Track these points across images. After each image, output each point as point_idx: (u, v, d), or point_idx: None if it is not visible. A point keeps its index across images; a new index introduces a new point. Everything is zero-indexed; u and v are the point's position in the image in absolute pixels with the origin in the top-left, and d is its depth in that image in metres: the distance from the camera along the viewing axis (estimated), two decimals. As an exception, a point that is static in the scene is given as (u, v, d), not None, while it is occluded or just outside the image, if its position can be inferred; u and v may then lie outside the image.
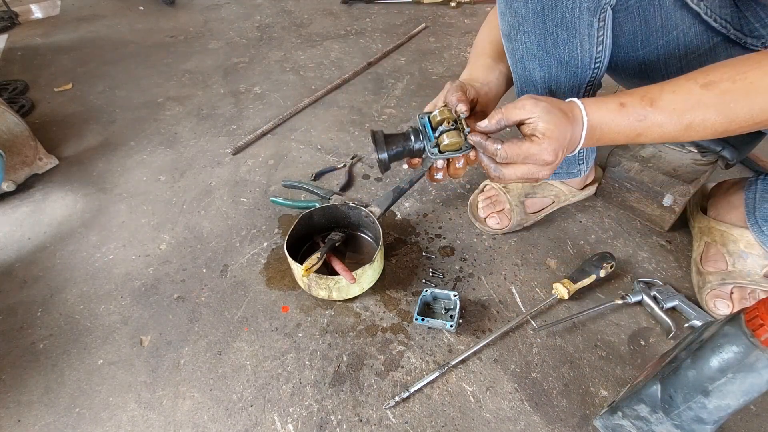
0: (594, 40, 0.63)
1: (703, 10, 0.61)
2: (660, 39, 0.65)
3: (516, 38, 0.66)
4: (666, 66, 0.68)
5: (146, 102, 1.41)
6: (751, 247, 0.74)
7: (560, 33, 0.62)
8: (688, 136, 0.53)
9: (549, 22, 0.61)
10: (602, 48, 0.64)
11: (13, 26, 1.97)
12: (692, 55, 0.66)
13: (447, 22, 1.84)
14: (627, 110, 0.54)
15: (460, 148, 0.59)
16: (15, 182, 1.06)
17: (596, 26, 0.61)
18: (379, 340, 0.75)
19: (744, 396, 0.45)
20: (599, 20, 0.60)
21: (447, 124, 0.58)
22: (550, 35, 0.62)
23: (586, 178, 0.91)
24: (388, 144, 0.60)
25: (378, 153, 0.60)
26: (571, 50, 0.64)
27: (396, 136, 0.61)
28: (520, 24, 0.63)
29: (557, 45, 0.63)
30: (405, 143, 0.60)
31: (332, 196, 0.92)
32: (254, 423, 0.65)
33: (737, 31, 0.63)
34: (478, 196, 0.94)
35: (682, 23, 0.63)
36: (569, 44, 0.63)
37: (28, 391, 0.71)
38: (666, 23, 0.63)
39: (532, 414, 0.65)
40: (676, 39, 0.65)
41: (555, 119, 0.52)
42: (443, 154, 0.59)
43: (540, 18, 0.61)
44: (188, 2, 2.16)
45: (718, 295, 0.73)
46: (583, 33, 0.61)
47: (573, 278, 0.76)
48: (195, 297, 0.83)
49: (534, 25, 0.62)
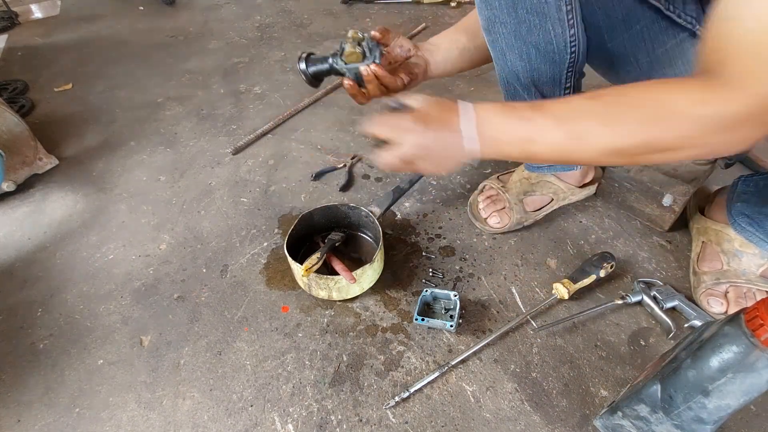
0: (565, 23, 0.65)
1: (664, 6, 0.63)
2: (624, 32, 0.68)
3: (494, 30, 0.69)
4: (636, 59, 0.71)
5: (146, 102, 1.41)
6: (745, 246, 0.74)
7: (532, 19, 0.64)
8: (579, 148, 0.51)
9: (520, 9, 0.64)
10: (575, 31, 0.66)
11: (13, 26, 1.98)
12: (660, 50, 0.68)
13: (447, 22, 1.84)
14: (515, 110, 0.54)
15: (361, 61, 0.67)
16: (15, 182, 1.06)
17: (564, 9, 0.63)
18: (379, 340, 0.75)
19: (744, 396, 0.45)
20: (566, 4, 0.63)
21: (351, 43, 0.67)
22: (524, 23, 0.65)
23: (584, 176, 0.91)
24: (309, 60, 0.71)
25: (298, 64, 0.71)
26: (545, 35, 0.66)
27: (318, 56, 0.71)
28: (496, 16, 0.66)
29: (531, 31, 0.66)
30: (324, 60, 0.70)
31: None
32: (254, 423, 0.65)
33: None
34: (477, 196, 0.94)
35: (643, 17, 0.65)
36: (542, 29, 0.65)
37: (28, 391, 0.71)
38: (627, 17, 0.66)
39: (532, 414, 0.65)
40: (640, 32, 0.67)
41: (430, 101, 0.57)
42: (347, 65, 0.67)
43: (512, 7, 0.64)
44: (188, 2, 2.16)
45: (712, 294, 0.74)
46: (553, 17, 0.64)
47: (573, 278, 0.76)
48: (195, 297, 0.83)
49: (508, 15, 0.65)
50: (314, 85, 0.73)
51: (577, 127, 0.50)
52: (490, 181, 0.95)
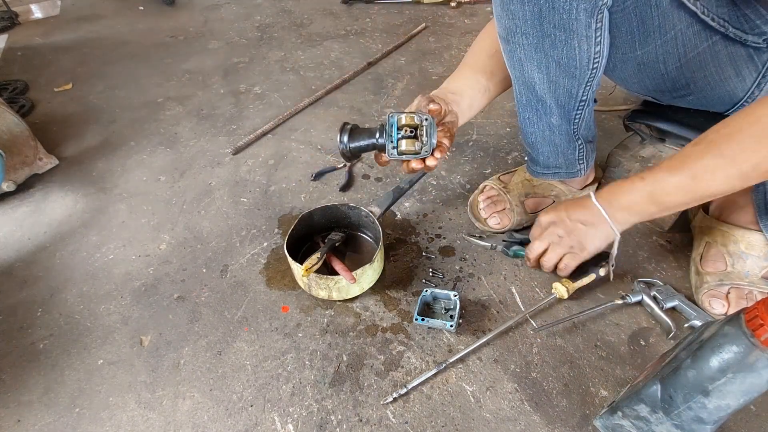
0: (592, 41, 0.63)
1: (700, 10, 0.61)
2: (658, 39, 0.65)
3: (513, 40, 0.66)
4: (665, 65, 0.68)
5: (146, 102, 1.41)
6: (751, 248, 0.74)
7: (558, 35, 0.62)
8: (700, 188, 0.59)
9: (546, 23, 0.61)
10: (600, 48, 0.64)
11: (13, 26, 1.98)
12: (691, 54, 0.66)
13: (447, 22, 1.84)
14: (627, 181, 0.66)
15: (417, 153, 0.63)
16: (15, 182, 1.06)
17: (594, 27, 0.61)
18: (379, 340, 0.75)
19: (744, 396, 0.45)
20: (596, 21, 0.61)
21: (405, 132, 0.62)
22: (548, 37, 0.62)
23: (586, 178, 0.91)
24: (352, 135, 0.65)
25: (339, 140, 0.65)
26: (569, 51, 0.64)
27: (363, 131, 0.66)
28: (518, 26, 0.63)
29: (555, 46, 0.63)
30: (369, 138, 0.65)
31: None
32: (254, 423, 0.65)
33: (737, 29, 0.62)
34: (478, 196, 0.94)
35: (679, 23, 0.63)
36: (567, 45, 0.63)
37: (28, 391, 0.71)
38: (663, 23, 0.63)
39: (532, 414, 0.65)
40: (674, 38, 0.65)
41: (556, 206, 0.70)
42: (401, 156, 0.63)
43: (537, 20, 0.61)
44: (188, 2, 2.16)
45: (715, 294, 0.73)
46: (581, 34, 0.61)
47: (572, 277, 0.76)
48: (195, 297, 0.83)
49: (531, 27, 0.62)
50: (349, 160, 0.68)
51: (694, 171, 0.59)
52: (490, 181, 0.95)
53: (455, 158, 1.12)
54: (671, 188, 0.61)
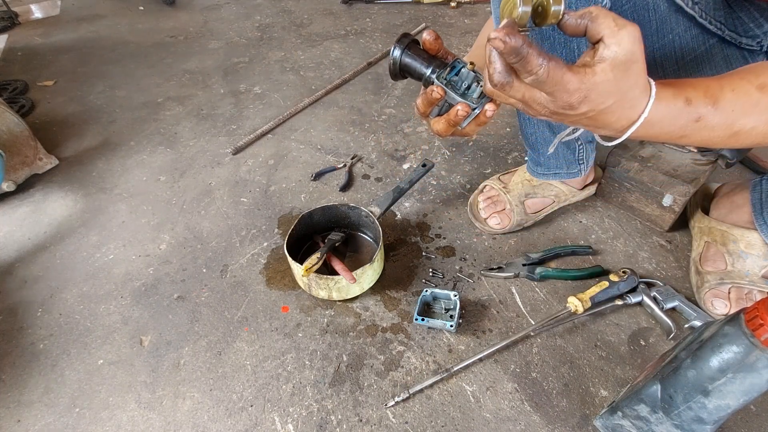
0: None
1: (698, 14, 0.61)
2: (656, 43, 0.66)
3: None
4: (663, 68, 0.69)
5: (146, 102, 1.41)
6: (750, 248, 0.74)
7: (557, 37, 0.63)
8: (729, 143, 0.48)
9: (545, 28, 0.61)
10: None
11: (13, 26, 1.97)
12: (688, 57, 0.66)
13: (447, 22, 1.84)
14: (690, 108, 0.45)
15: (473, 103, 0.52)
16: (15, 182, 1.06)
17: None
18: (379, 340, 0.75)
19: (744, 396, 0.45)
20: None
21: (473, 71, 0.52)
22: (547, 39, 0.63)
23: (586, 178, 0.91)
24: (409, 49, 0.54)
25: (395, 47, 0.54)
26: (568, 53, 0.64)
27: (423, 53, 0.54)
28: None
29: (554, 48, 0.64)
30: (430, 59, 0.54)
31: None
32: (254, 423, 0.65)
33: (732, 32, 0.63)
34: (478, 197, 0.94)
35: (677, 27, 0.63)
36: (566, 48, 0.63)
37: (28, 391, 0.71)
38: (661, 27, 0.64)
39: (532, 414, 0.65)
40: (671, 42, 0.65)
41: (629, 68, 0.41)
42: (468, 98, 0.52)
43: None
44: (188, 2, 2.16)
45: (717, 294, 0.73)
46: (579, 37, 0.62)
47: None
48: (195, 297, 0.83)
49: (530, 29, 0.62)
50: (395, 77, 0.57)
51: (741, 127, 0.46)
52: (490, 181, 0.95)
53: (455, 158, 1.12)
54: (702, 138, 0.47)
